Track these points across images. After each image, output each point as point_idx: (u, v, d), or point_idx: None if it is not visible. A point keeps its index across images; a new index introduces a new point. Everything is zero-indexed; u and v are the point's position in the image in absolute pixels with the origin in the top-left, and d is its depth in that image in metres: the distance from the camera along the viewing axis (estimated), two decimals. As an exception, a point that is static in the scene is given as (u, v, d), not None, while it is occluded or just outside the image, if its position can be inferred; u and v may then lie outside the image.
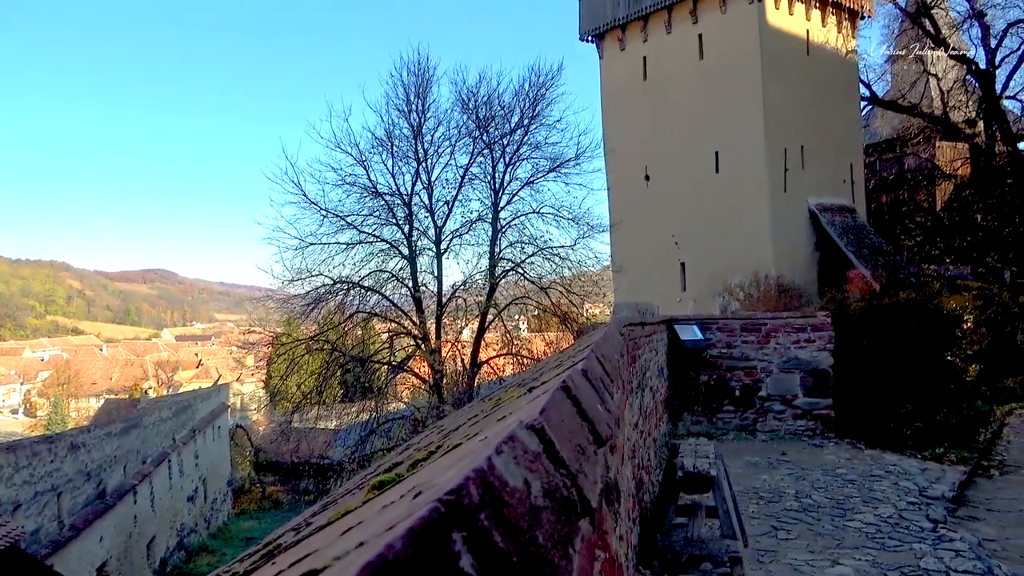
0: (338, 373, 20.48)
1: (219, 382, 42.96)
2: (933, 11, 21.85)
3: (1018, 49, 20.79)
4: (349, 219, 19.31)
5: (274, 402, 25.02)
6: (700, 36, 21.15)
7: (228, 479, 26.77)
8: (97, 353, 78.77)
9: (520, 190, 19.90)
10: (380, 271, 19.73)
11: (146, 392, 40.34)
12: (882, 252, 20.81)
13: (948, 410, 11.43)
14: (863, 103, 24.28)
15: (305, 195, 18.81)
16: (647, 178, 22.50)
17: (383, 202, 19.53)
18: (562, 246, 19.92)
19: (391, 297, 19.97)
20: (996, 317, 19.77)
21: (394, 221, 19.40)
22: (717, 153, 20.75)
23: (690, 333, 10.00)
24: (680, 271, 21.66)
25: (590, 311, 24.83)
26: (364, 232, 19.34)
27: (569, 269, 20.22)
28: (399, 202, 19.49)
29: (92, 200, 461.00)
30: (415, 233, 19.59)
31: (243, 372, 42.91)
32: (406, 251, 19.50)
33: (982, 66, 21.08)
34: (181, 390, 45.60)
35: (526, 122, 19.71)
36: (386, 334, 21.46)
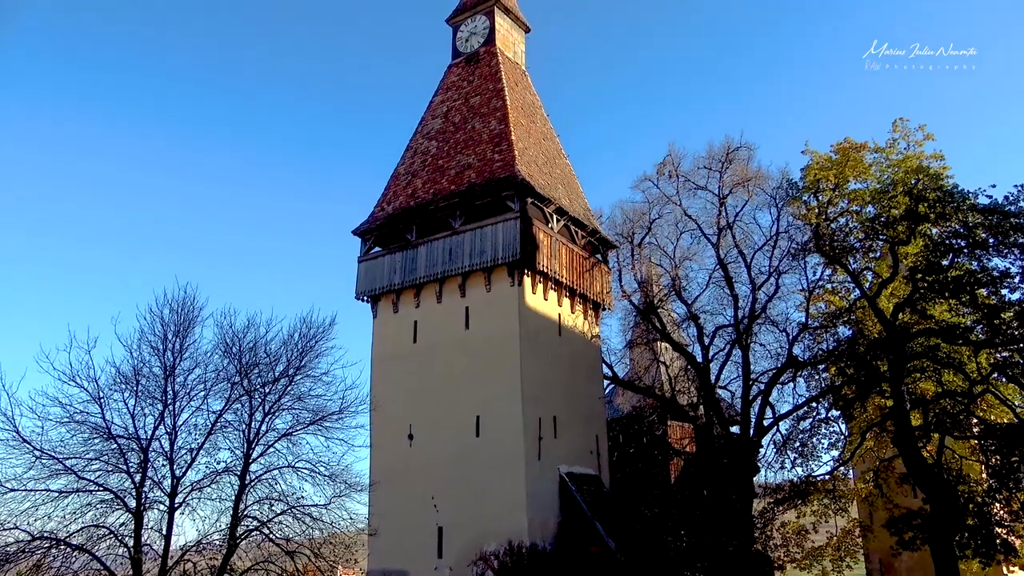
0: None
1: None
2: (659, 310, 25.85)
3: (724, 348, 24.84)
4: (69, 462, 16.82)
5: None
6: (467, 308, 22.93)
7: None
8: None
9: (276, 442, 18.80)
10: (96, 526, 16.96)
11: None
12: (626, 522, 21.98)
13: None
14: (606, 382, 27.05)
15: (18, 432, 16.29)
16: (410, 437, 22.56)
17: (115, 445, 17.39)
18: (315, 505, 18.66)
19: (104, 559, 17.03)
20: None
21: (124, 468, 17.18)
22: (478, 418, 21.55)
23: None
24: (437, 536, 21.08)
25: (341, 578, 22.90)
26: (84, 479, 16.85)
27: (321, 531, 18.81)
28: (135, 447, 17.47)
29: None
30: (148, 483, 17.43)
31: None
32: (133, 503, 17.13)
33: (698, 359, 24.75)
34: None
35: (291, 372, 19.27)
36: (89, 606, 17.93)
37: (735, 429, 24.58)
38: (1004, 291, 19.98)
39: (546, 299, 23.45)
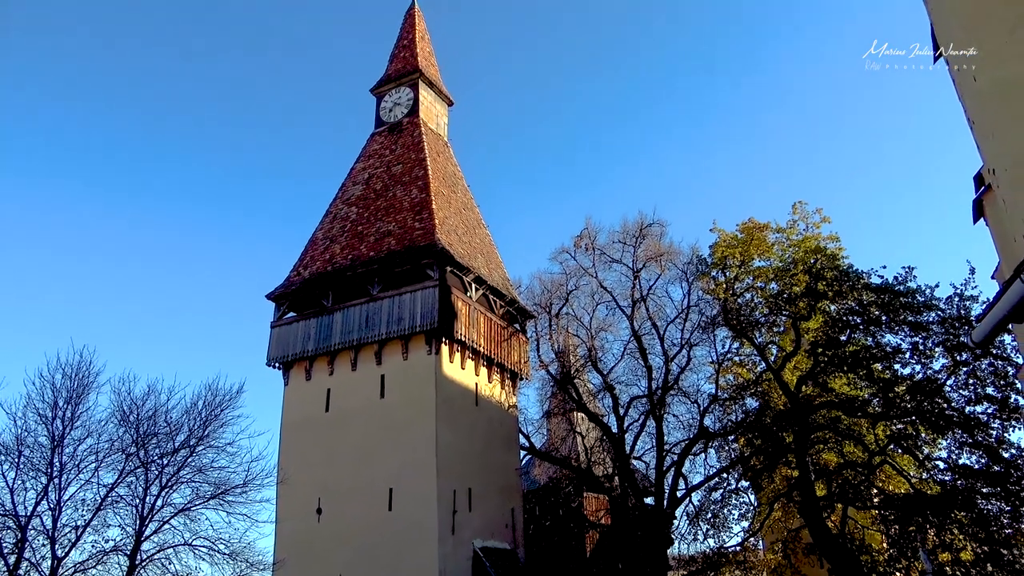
0: None
1: None
2: (576, 381, 26.04)
3: (639, 419, 25.11)
4: (-68, 544, 15.28)
5: None
6: (383, 377, 22.49)
7: None
8: None
9: (172, 517, 17.66)
10: (-41, 616, 15.36)
11: None
12: (540, 599, 21.47)
13: None
14: (523, 452, 26.82)
15: None
16: (319, 511, 21.61)
17: (-11, 523, 15.95)
18: (213, 586, 17.53)
19: (-34, 652, 15.36)
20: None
21: (-3, 549, 15.75)
22: (391, 490, 20.90)
23: None
24: (344, 618, 20.02)
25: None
26: (-51, 562, 15.31)
27: (217, 614, 17.59)
28: (11, 524, 16.05)
29: None
30: (24, 565, 15.97)
31: None
32: (5, 589, 15.63)
33: (614, 430, 24.91)
34: None
35: (193, 442, 18.29)
36: None
37: (650, 500, 24.65)
38: (897, 366, 21.18)
39: (463, 368, 23.30)
